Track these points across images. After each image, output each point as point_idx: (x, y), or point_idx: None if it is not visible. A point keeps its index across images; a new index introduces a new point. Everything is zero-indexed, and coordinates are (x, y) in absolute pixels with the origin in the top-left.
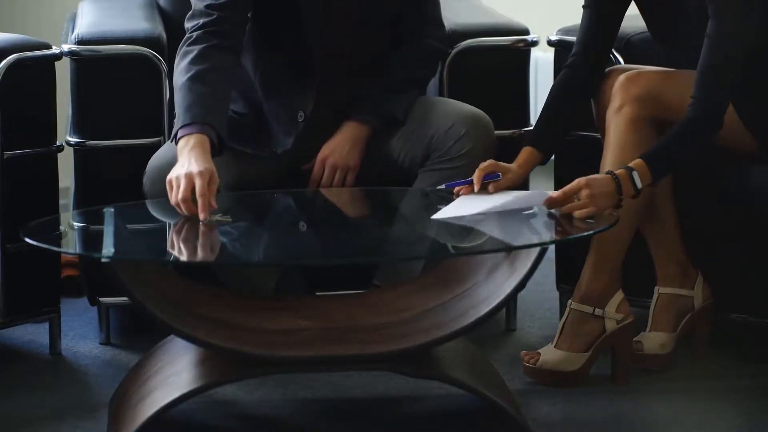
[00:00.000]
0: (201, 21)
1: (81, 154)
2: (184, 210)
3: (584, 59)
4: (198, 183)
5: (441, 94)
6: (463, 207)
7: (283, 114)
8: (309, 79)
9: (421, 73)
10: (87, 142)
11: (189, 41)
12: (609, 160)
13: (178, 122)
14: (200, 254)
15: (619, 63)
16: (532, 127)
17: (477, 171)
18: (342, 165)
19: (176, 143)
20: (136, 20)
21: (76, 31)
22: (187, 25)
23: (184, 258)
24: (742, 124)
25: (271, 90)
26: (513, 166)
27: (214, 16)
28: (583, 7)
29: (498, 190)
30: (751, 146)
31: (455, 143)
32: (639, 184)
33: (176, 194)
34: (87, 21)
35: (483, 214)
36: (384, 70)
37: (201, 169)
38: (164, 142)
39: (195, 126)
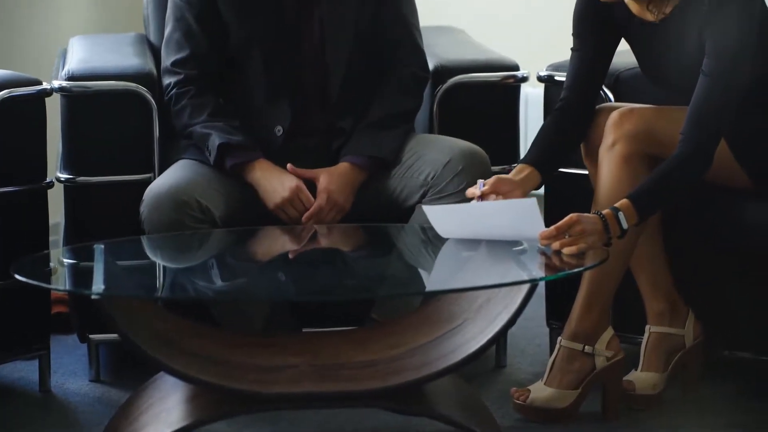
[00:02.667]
0: (173, 80)
1: (71, 190)
2: (307, 220)
3: (574, 103)
4: (303, 197)
5: (431, 129)
6: (454, 215)
7: (261, 130)
8: (284, 99)
9: (406, 106)
10: (77, 179)
11: (173, 101)
12: (602, 197)
13: (215, 149)
14: (190, 291)
15: (610, 100)
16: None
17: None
18: (341, 206)
19: (228, 168)
20: (126, 56)
21: (66, 67)
22: (163, 82)
23: (173, 294)
24: (734, 160)
25: (250, 108)
26: (517, 181)
27: (182, 75)
28: (572, 50)
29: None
30: (744, 182)
31: (452, 179)
32: (625, 225)
33: (297, 213)
34: (77, 57)
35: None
36: (369, 103)
37: (296, 184)
38: (155, 178)
39: (241, 152)
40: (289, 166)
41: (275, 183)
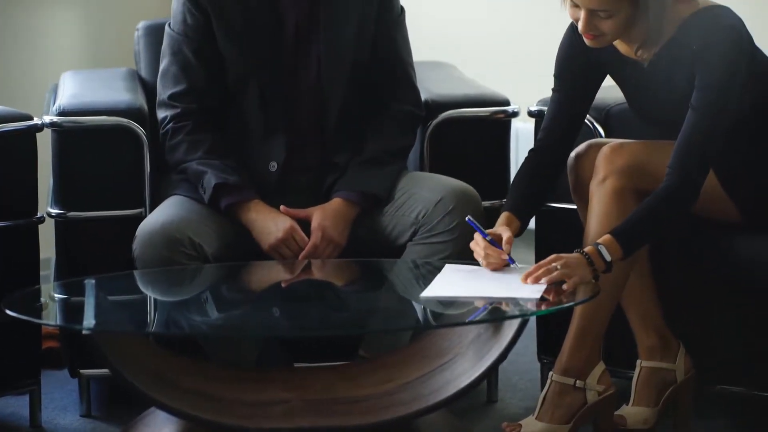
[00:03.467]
0: (169, 114)
1: (62, 225)
2: (303, 259)
3: (550, 144)
4: (297, 237)
5: (422, 164)
6: (450, 283)
7: (256, 165)
8: (280, 134)
9: (401, 143)
10: (68, 214)
11: (168, 135)
12: (592, 232)
13: (211, 189)
14: (181, 326)
15: (600, 135)
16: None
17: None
18: (336, 242)
19: (222, 209)
20: (117, 91)
21: (57, 103)
22: (159, 115)
23: (164, 329)
24: (724, 193)
25: (245, 142)
26: (505, 231)
27: (179, 109)
28: (552, 90)
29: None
30: (734, 215)
31: (444, 218)
32: (608, 259)
33: (292, 254)
34: (68, 92)
35: (471, 298)
36: (364, 139)
37: (290, 224)
38: (146, 214)
39: (236, 192)
40: (282, 207)
41: (269, 224)
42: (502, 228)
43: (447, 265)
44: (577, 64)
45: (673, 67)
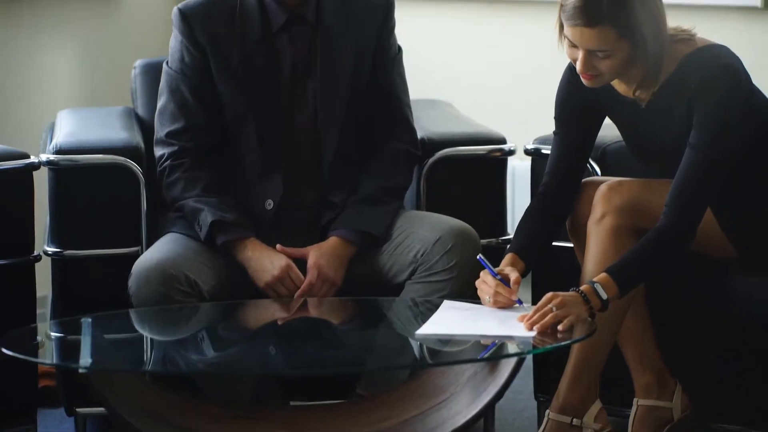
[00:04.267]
0: (167, 151)
1: (59, 263)
2: (300, 296)
3: (556, 187)
4: (293, 275)
5: (418, 202)
6: (448, 320)
7: (252, 203)
8: (276, 172)
9: (398, 182)
10: (65, 252)
11: (166, 172)
12: (590, 271)
13: (207, 226)
14: (177, 364)
15: (596, 173)
16: (510, 236)
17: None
18: (332, 281)
19: (218, 246)
20: (114, 130)
21: (54, 141)
22: (156, 153)
23: (160, 368)
24: (721, 231)
25: (241, 180)
26: (512, 272)
27: (177, 147)
28: (554, 133)
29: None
30: (731, 253)
31: (442, 257)
32: (604, 297)
33: (287, 292)
34: (65, 131)
35: (468, 336)
36: (360, 178)
37: (286, 262)
38: (143, 252)
39: (232, 230)
40: (278, 246)
41: (265, 262)
42: (509, 269)
43: (445, 302)
44: (576, 106)
45: (671, 107)
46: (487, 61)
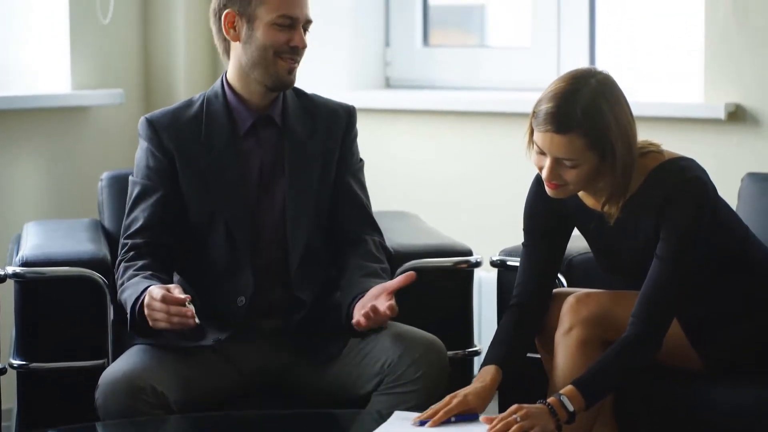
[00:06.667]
0: (120, 254)
1: (24, 376)
2: (177, 321)
3: (527, 299)
4: (165, 293)
5: None
6: None
7: (223, 301)
8: (246, 270)
9: (379, 266)
10: (30, 365)
11: (117, 274)
12: (558, 383)
13: (129, 309)
14: None
15: (562, 285)
16: (477, 347)
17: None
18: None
19: (135, 331)
20: (80, 242)
21: (20, 253)
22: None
23: None
24: (686, 341)
25: (211, 278)
26: (479, 390)
27: (128, 244)
28: (523, 245)
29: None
30: (697, 364)
31: (408, 368)
32: (570, 409)
33: (163, 318)
34: (31, 243)
35: None
36: (339, 273)
37: (157, 287)
38: (109, 364)
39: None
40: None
41: (148, 295)
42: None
43: (395, 413)
44: (545, 218)
45: (639, 220)
46: (452, 173)
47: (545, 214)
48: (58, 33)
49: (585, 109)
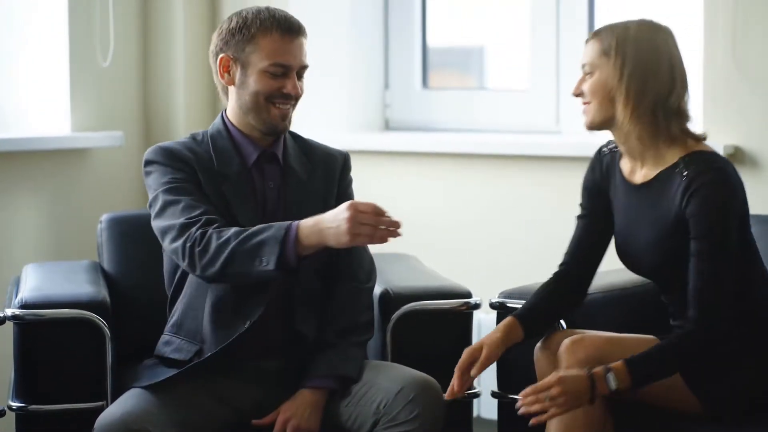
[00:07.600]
0: (191, 231)
1: (23, 418)
2: (382, 234)
3: (573, 269)
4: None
5: (384, 355)
6: None
7: (232, 321)
8: (259, 295)
9: (365, 318)
10: (29, 407)
11: (197, 243)
12: (554, 426)
13: (280, 232)
14: None
15: (561, 327)
16: (476, 390)
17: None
18: (304, 428)
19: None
20: (79, 284)
21: (19, 296)
22: (176, 245)
23: None
24: (685, 386)
25: (219, 309)
26: (494, 339)
27: (201, 221)
28: (577, 218)
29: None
30: (696, 407)
31: (404, 407)
32: (613, 386)
33: (368, 231)
34: (30, 285)
35: None
36: (326, 318)
37: (348, 204)
38: (107, 406)
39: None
40: (253, 421)
41: (329, 219)
42: (490, 343)
43: None
44: (594, 189)
45: (663, 193)
46: (451, 214)
47: (594, 185)
48: (58, 75)
49: (634, 35)
